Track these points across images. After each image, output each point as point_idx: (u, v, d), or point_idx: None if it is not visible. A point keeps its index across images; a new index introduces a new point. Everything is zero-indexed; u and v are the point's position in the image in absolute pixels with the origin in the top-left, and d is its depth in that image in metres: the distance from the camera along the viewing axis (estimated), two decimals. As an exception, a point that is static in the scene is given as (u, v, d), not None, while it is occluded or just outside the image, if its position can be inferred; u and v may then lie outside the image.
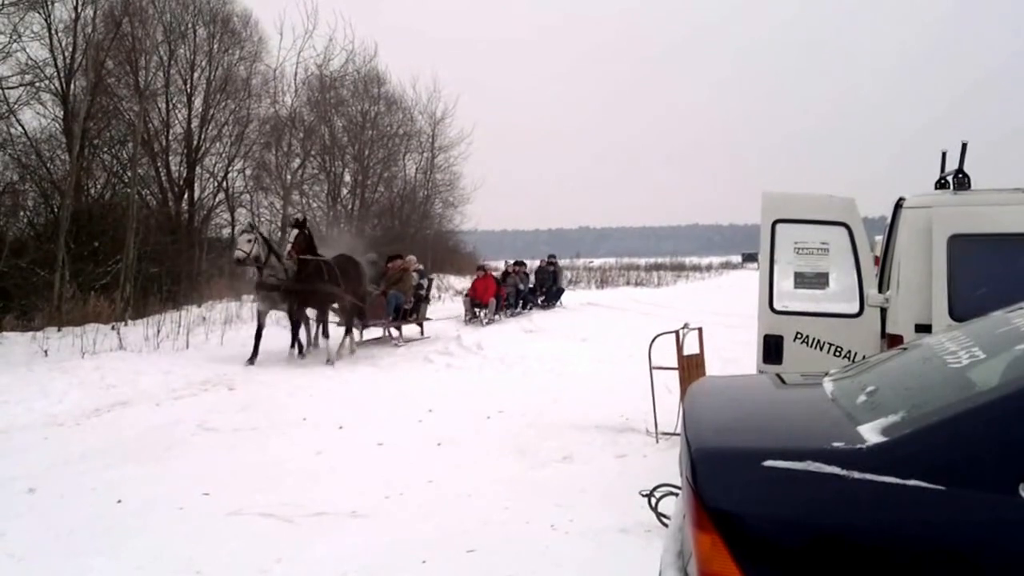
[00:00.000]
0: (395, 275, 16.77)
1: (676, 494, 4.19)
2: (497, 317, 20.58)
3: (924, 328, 5.78)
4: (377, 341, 16.42)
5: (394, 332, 16.75)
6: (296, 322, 13.97)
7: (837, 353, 6.30)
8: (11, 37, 19.10)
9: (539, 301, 24.39)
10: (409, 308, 16.87)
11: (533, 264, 27.10)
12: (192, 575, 4.70)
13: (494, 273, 22.58)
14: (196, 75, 27.41)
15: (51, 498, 6.21)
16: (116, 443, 8.07)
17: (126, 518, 5.75)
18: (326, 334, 14.92)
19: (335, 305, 14.90)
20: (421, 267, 18.57)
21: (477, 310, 20.26)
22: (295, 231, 13.63)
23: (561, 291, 25.48)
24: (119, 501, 6.09)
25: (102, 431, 8.65)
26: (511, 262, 24.38)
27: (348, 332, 14.70)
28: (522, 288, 23.03)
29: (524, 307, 23.11)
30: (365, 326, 15.93)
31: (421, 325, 17.54)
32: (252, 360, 13.02)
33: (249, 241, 13.25)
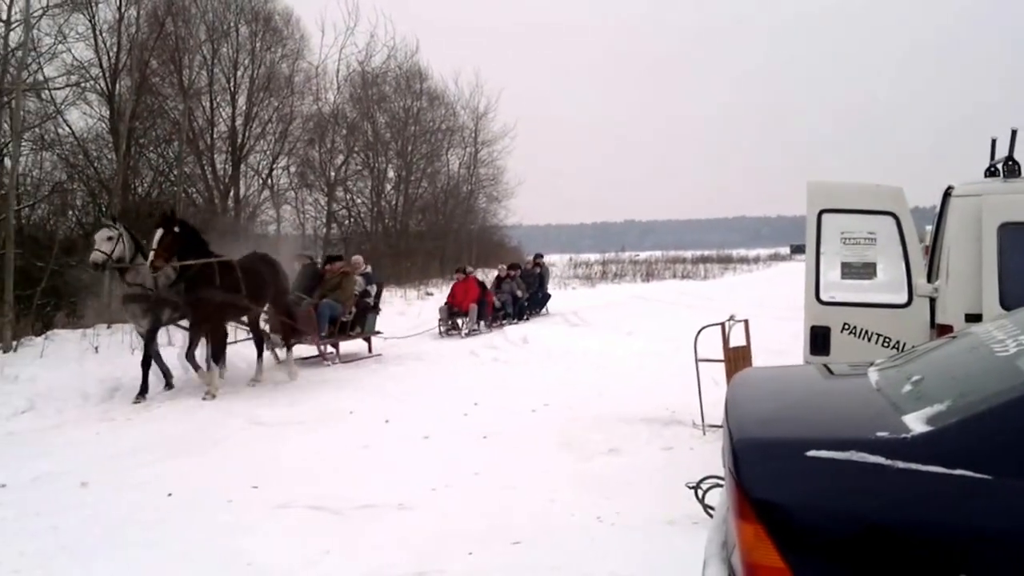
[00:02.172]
0: (332, 280, 13.80)
1: (722, 486, 4.19)
2: (478, 327, 17.46)
3: (974, 317, 5.68)
4: (308, 361, 13.43)
5: (329, 349, 13.63)
6: (149, 351, 10.39)
7: (885, 344, 6.22)
8: (57, 39, 19.42)
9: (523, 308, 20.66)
10: (350, 320, 13.86)
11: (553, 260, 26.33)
12: (242, 567, 4.77)
13: (476, 276, 19.13)
14: (239, 73, 27.70)
15: (103, 491, 6.35)
16: (166, 437, 8.26)
17: (176, 510, 5.87)
18: (259, 354, 11.88)
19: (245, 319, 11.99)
20: (369, 270, 15.23)
21: (458, 320, 17.41)
22: (158, 231, 10.06)
23: (547, 297, 21.93)
24: (169, 494, 6.22)
25: (152, 425, 8.85)
26: (504, 266, 21.37)
27: (260, 353, 11.83)
28: (520, 295, 19.94)
29: (520, 317, 19.87)
30: (288, 345, 12.34)
31: (368, 340, 14.51)
32: (141, 396, 10.02)
33: (110, 239, 10.27)
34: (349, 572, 4.62)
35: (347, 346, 14.19)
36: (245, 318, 11.78)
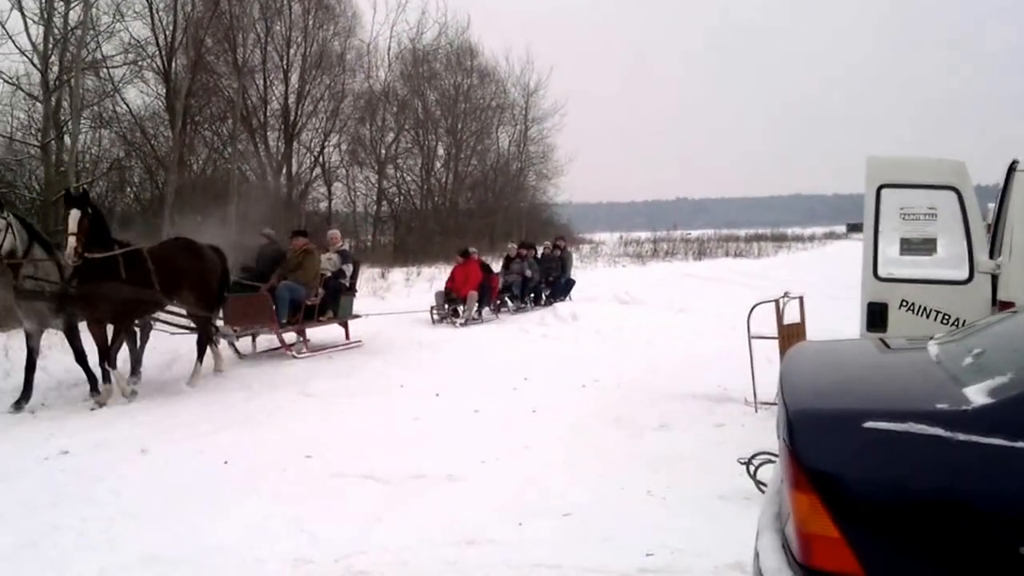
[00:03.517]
0: (293, 259, 12.00)
1: (775, 462, 4.16)
2: (479, 316, 16.05)
3: (1038, 294, 5.55)
4: (273, 353, 11.96)
5: (291, 337, 11.98)
6: (78, 348, 8.98)
7: (944, 320, 6.10)
8: (114, 17, 19.81)
9: (544, 295, 19.13)
10: (317, 304, 12.04)
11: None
12: (297, 533, 4.85)
13: (478, 257, 17.06)
14: (292, 51, 27.98)
15: (161, 459, 6.49)
16: (221, 408, 8.43)
17: (232, 479, 5.98)
18: (200, 354, 10.13)
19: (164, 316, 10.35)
20: (346, 246, 13.52)
21: (457, 307, 15.69)
22: (74, 212, 8.51)
23: (571, 283, 19.89)
24: (225, 462, 6.33)
25: (207, 396, 9.04)
26: (514, 245, 19.51)
27: (202, 352, 10.14)
28: (530, 275, 18.10)
29: (536, 301, 18.47)
30: (211, 336, 10.42)
31: (345, 326, 12.90)
32: (22, 403, 8.49)
33: None
34: (400, 540, 4.67)
35: (326, 333, 12.97)
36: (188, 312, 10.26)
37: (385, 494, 5.58)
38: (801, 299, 8.30)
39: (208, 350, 10.27)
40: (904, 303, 6.26)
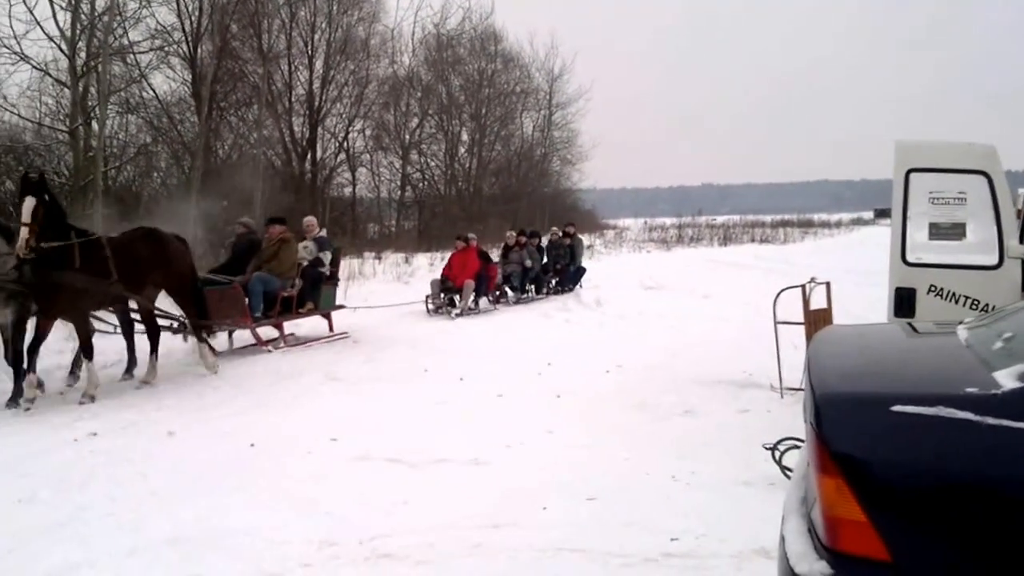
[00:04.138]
0: (269, 249, 11.24)
1: (800, 448, 4.14)
2: (476, 307, 15.05)
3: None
4: (247, 350, 10.94)
5: (271, 332, 11.25)
6: (17, 347, 8.11)
7: (974, 306, 6.04)
8: (141, 3, 19.91)
9: (551, 284, 18.15)
10: (295, 295, 11.29)
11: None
12: (322, 515, 4.88)
13: (475, 244, 15.89)
14: (316, 37, 28.02)
15: (188, 441, 6.56)
16: (247, 391, 8.51)
17: (259, 460, 6.03)
18: (153, 349, 9.22)
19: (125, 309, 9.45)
20: (323, 233, 12.54)
21: (454, 297, 14.77)
22: (29, 200, 7.71)
23: (581, 271, 18.87)
24: (252, 444, 6.39)
25: (234, 380, 9.09)
26: (513, 233, 17.99)
27: (155, 347, 9.24)
28: (530, 266, 16.93)
29: (537, 291, 17.42)
30: (198, 334, 9.51)
31: (328, 318, 12.06)
32: (15, 400, 7.93)
33: None
34: (424, 523, 4.69)
35: (309, 325, 12.16)
36: (133, 306, 9.39)
37: (410, 477, 5.61)
38: (828, 284, 8.25)
39: (200, 346, 9.43)
40: (933, 288, 6.20)
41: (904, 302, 6.24)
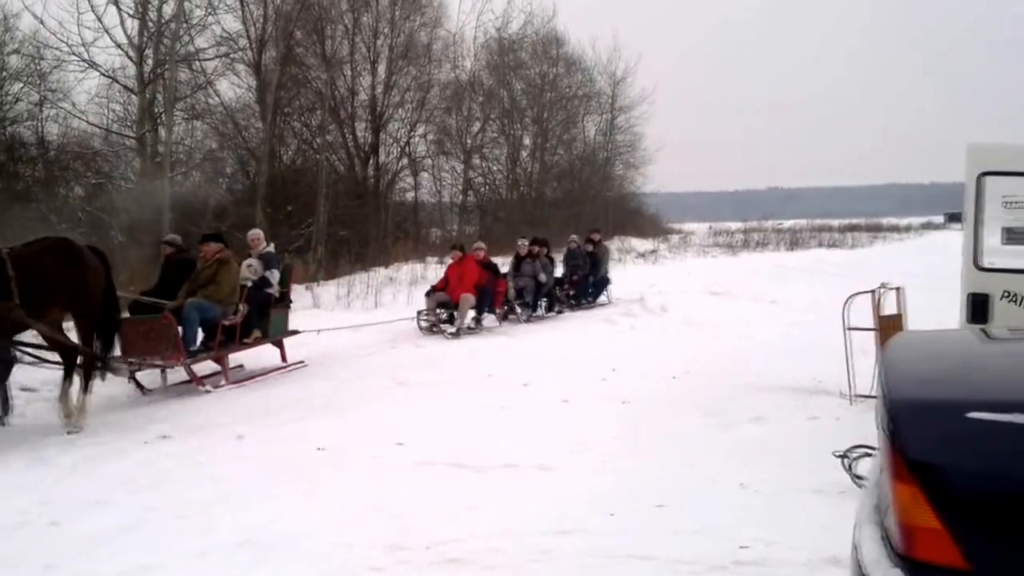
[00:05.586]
0: (206, 270, 9.51)
1: (872, 455, 4.08)
2: (478, 324, 13.49)
3: None
4: (180, 387, 9.29)
5: (212, 367, 9.57)
6: None
7: (1050, 311, 5.89)
8: (207, 11, 20.30)
9: (568, 296, 16.30)
10: (240, 324, 9.58)
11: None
12: (388, 519, 4.94)
13: (478, 256, 14.04)
14: (379, 42, 28.19)
15: (257, 444, 6.70)
16: (313, 395, 8.63)
17: (326, 464, 6.14)
18: (66, 376, 7.57)
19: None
20: (270, 248, 10.62)
21: (452, 313, 13.15)
22: None
23: (604, 282, 17.37)
24: (319, 448, 6.48)
25: (299, 384, 9.27)
26: (525, 242, 15.87)
27: (68, 376, 7.57)
28: (544, 280, 15.06)
29: (549, 308, 15.61)
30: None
31: (281, 346, 10.43)
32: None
33: None
34: (492, 529, 4.71)
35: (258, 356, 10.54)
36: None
37: (476, 482, 5.65)
38: (899, 290, 8.09)
39: (77, 388, 7.58)
40: (1007, 294, 6.07)
41: (978, 308, 6.11)
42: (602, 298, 17.36)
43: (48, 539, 4.70)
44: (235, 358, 9.88)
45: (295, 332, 10.77)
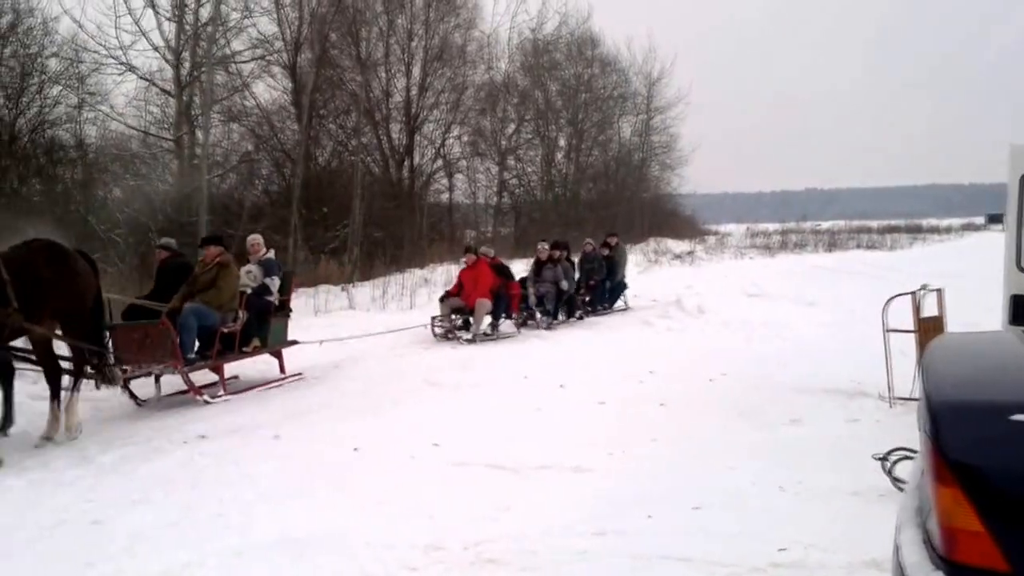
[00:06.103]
0: (205, 275, 9.13)
1: (912, 458, 4.04)
2: (494, 331, 13.10)
3: None
4: (176, 398, 8.95)
5: (212, 375, 9.10)
6: None
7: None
8: (243, 14, 20.46)
9: (583, 302, 15.77)
10: (239, 331, 9.24)
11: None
12: (424, 518, 4.97)
13: (493, 258, 14.02)
14: (414, 44, 28.24)
15: (294, 444, 6.76)
16: (349, 395, 8.71)
17: (362, 464, 6.19)
18: (54, 393, 7.32)
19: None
20: (270, 255, 10.26)
21: (468, 319, 12.91)
22: None
23: (621, 287, 16.94)
24: (355, 448, 6.54)
25: (336, 384, 9.35)
26: (545, 246, 14.86)
27: (55, 391, 7.32)
28: (566, 287, 14.46)
29: (569, 315, 15.06)
30: (99, 374, 7.88)
31: (279, 356, 10.05)
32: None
33: None
34: (529, 529, 4.73)
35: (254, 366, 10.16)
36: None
37: (512, 483, 5.67)
38: (940, 292, 8.00)
39: (63, 398, 7.36)
40: (1050, 296, 5.97)
41: (1020, 310, 6.02)
42: (619, 304, 16.92)
43: (89, 537, 4.78)
44: (230, 369, 9.41)
45: (294, 342, 10.35)
